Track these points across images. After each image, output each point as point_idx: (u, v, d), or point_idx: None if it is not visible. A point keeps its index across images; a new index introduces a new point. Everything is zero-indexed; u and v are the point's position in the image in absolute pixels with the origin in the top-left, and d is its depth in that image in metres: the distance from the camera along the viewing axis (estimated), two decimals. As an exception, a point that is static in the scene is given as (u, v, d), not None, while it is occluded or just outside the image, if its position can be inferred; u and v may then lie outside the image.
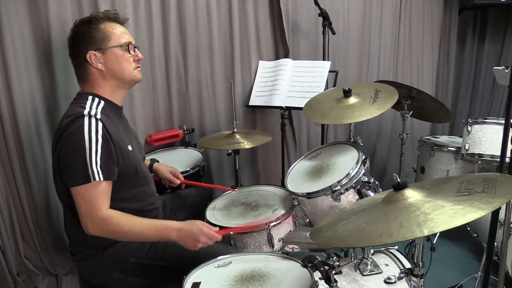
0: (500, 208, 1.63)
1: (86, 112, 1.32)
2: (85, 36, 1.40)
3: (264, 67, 2.62)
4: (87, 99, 1.39)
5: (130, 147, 1.44)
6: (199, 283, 1.18)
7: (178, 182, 1.87)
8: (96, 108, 1.36)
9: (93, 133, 1.29)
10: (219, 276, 1.23)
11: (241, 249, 1.63)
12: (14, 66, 1.86)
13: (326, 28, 2.52)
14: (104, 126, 1.32)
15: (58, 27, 1.92)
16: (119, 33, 1.43)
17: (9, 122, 1.91)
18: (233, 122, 2.29)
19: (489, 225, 1.54)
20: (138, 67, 1.50)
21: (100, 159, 1.29)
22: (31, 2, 1.87)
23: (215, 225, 1.55)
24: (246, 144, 2.11)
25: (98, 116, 1.33)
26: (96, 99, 1.41)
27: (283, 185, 1.80)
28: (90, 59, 1.39)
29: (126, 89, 1.52)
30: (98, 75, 1.42)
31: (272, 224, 1.61)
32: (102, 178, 1.29)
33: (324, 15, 2.49)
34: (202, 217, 1.73)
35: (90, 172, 1.27)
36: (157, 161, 1.91)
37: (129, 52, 1.44)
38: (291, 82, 2.47)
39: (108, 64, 1.41)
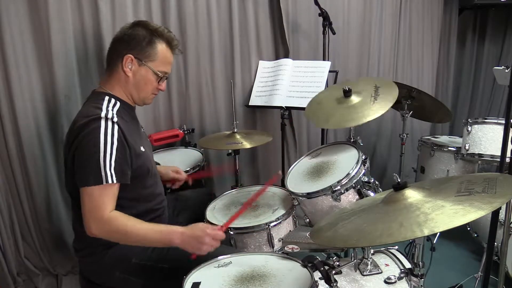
0: (500, 208, 1.63)
1: (103, 114, 1.32)
2: (139, 40, 1.41)
3: (264, 67, 2.62)
4: (103, 100, 1.40)
5: (142, 148, 1.45)
6: (199, 283, 1.18)
7: (183, 178, 1.84)
8: (112, 110, 1.37)
9: (109, 136, 1.30)
10: (219, 276, 1.23)
11: (241, 249, 1.63)
12: (14, 66, 1.87)
13: (326, 28, 2.52)
14: (120, 129, 1.33)
15: (58, 27, 1.92)
16: (164, 61, 1.46)
17: (9, 122, 1.91)
18: (233, 122, 2.29)
19: (489, 225, 1.54)
20: (155, 94, 1.52)
21: (115, 161, 1.29)
22: (31, 2, 1.87)
23: (216, 226, 1.54)
24: (246, 144, 2.10)
25: (115, 119, 1.33)
26: (112, 100, 1.41)
27: (283, 185, 1.80)
28: (125, 61, 1.40)
29: (134, 103, 1.52)
30: (123, 78, 1.43)
31: (272, 224, 1.61)
32: (115, 181, 1.29)
33: (324, 15, 2.49)
34: (203, 217, 1.73)
35: (103, 174, 1.27)
36: (158, 164, 1.88)
37: (158, 82, 1.47)
38: (291, 82, 2.47)
39: (136, 76, 1.43)
